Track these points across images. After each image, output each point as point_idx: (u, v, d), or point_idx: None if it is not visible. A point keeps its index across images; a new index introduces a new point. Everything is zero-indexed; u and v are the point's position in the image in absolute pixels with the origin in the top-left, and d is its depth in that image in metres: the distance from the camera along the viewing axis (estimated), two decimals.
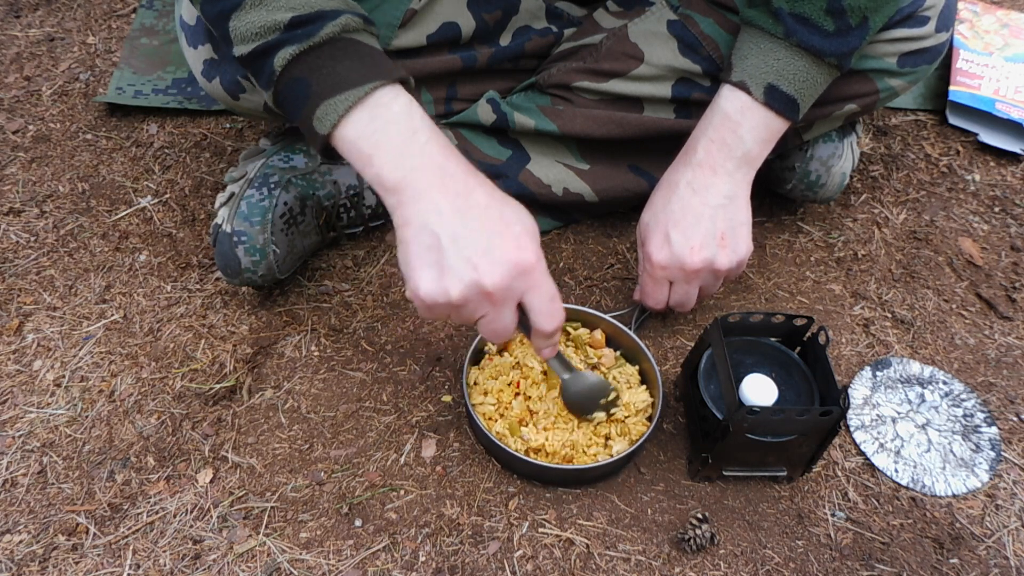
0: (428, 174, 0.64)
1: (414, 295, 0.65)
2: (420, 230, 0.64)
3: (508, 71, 0.97)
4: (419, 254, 0.64)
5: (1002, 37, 1.28)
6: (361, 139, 0.65)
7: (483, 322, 0.67)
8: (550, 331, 0.69)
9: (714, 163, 0.80)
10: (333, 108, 0.64)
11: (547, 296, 0.67)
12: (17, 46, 1.29)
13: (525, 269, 0.64)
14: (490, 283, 0.63)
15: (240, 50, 0.66)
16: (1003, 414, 0.89)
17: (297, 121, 0.68)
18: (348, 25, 0.66)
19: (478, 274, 0.63)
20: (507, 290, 0.64)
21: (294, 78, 0.65)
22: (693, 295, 0.86)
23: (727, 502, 0.81)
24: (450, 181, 0.65)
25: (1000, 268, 1.04)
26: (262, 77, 0.67)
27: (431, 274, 0.64)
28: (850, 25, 0.74)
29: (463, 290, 0.63)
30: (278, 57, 0.65)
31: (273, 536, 0.77)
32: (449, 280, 0.63)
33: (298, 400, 0.88)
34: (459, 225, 0.63)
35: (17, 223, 1.04)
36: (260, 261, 0.87)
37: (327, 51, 0.65)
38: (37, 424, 0.85)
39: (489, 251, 0.63)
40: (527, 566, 0.76)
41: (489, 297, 0.64)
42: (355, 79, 0.64)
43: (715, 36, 0.86)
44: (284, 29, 0.64)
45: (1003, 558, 0.78)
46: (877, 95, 0.88)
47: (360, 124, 0.65)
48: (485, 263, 0.63)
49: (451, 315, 0.66)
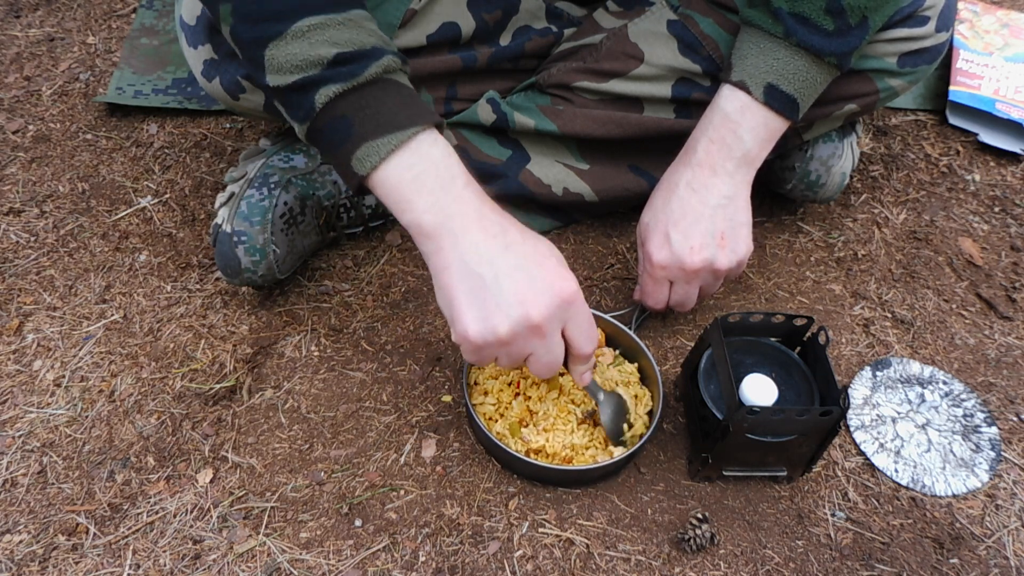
0: (466, 218, 0.65)
1: (463, 338, 0.65)
2: (463, 274, 0.64)
3: (508, 71, 0.97)
4: (463, 297, 0.64)
5: (1002, 37, 1.28)
6: (403, 183, 0.65)
7: (533, 359, 0.67)
8: (589, 353, 0.70)
9: (714, 163, 0.80)
10: (375, 150, 0.64)
11: (587, 322, 0.68)
12: (17, 46, 1.29)
13: (569, 298, 0.65)
14: (537, 315, 0.63)
15: (276, 80, 0.65)
16: (1003, 414, 0.89)
17: (331, 157, 0.67)
18: (391, 66, 0.65)
19: (525, 308, 0.63)
20: (553, 320, 0.65)
21: (336, 116, 0.65)
22: (693, 295, 0.86)
23: (727, 502, 0.81)
24: (488, 223, 0.65)
25: (1000, 268, 1.04)
26: (298, 110, 0.66)
27: (477, 315, 0.64)
28: (850, 24, 0.74)
29: (512, 326, 0.63)
30: (320, 94, 0.64)
31: (273, 536, 0.77)
32: (497, 318, 0.63)
33: (298, 400, 0.88)
34: (500, 263, 0.64)
35: (17, 223, 1.04)
36: (260, 261, 0.87)
37: (371, 91, 0.65)
38: (37, 424, 0.85)
39: (533, 285, 0.64)
40: (527, 566, 0.76)
41: (537, 330, 0.64)
42: (399, 122, 0.64)
43: (715, 36, 0.86)
44: (327, 66, 0.63)
45: (1003, 558, 0.78)
46: (877, 95, 0.88)
47: (402, 168, 0.64)
48: (531, 297, 0.63)
49: (500, 356, 0.67)
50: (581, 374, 0.73)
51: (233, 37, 0.67)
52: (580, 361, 0.71)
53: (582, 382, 0.74)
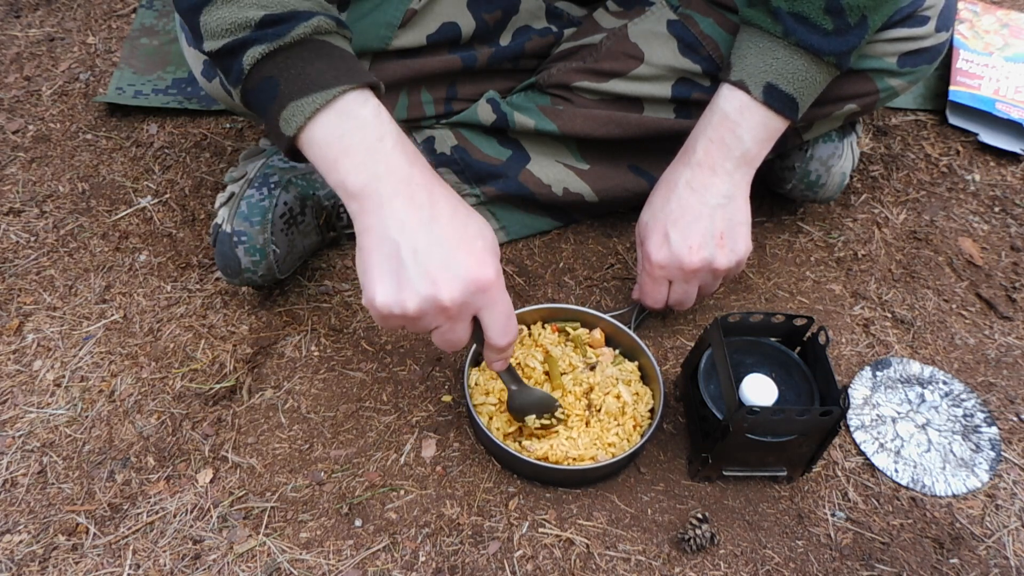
0: (393, 182, 0.63)
1: (370, 304, 0.64)
2: (381, 239, 0.63)
3: (508, 71, 0.97)
4: (378, 264, 0.63)
5: (1002, 37, 1.28)
6: (327, 143, 0.64)
7: (436, 333, 0.67)
8: (503, 346, 0.69)
9: (713, 163, 0.80)
10: (300, 109, 0.63)
11: (503, 314, 0.67)
12: (17, 46, 1.29)
13: (483, 286, 0.64)
14: (448, 298, 0.62)
15: (210, 46, 0.65)
16: (1003, 414, 0.89)
17: (264, 121, 0.67)
18: (320, 27, 0.65)
19: (436, 289, 0.62)
20: (464, 306, 0.64)
21: (263, 77, 0.65)
22: (692, 294, 0.86)
23: (727, 502, 0.81)
24: (416, 190, 0.64)
25: (1000, 268, 1.04)
26: (231, 74, 0.66)
27: (388, 285, 0.63)
28: (849, 24, 0.74)
29: (420, 303, 0.62)
30: (247, 56, 0.64)
31: (273, 536, 0.77)
32: (406, 293, 0.62)
33: (298, 400, 0.88)
34: (421, 237, 0.63)
35: (17, 223, 1.04)
36: (260, 261, 0.87)
37: (297, 52, 0.64)
38: (37, 424, 0.85)
39: (449, 266, 0.62)
40: (527, 566, 0.76)
41: (445, 312, 0.64)
42: (324, 81, 0.63)
43: (715, 36, 0.86)
44: (255, 27, 0.63)
45: (1003, 558, 0.78)
46: (877, 95, 0.88)
47: (327, 127, 0.64)
48: (444, 278, 0.62)
49: (406, 325, 0.66)
50: (492, 361, 0.72)
51: (178, 11, 0.68)
52: (492, 350, 0.70)
53: (492, 367, 0.74)
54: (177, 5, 0.67)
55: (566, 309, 0.89)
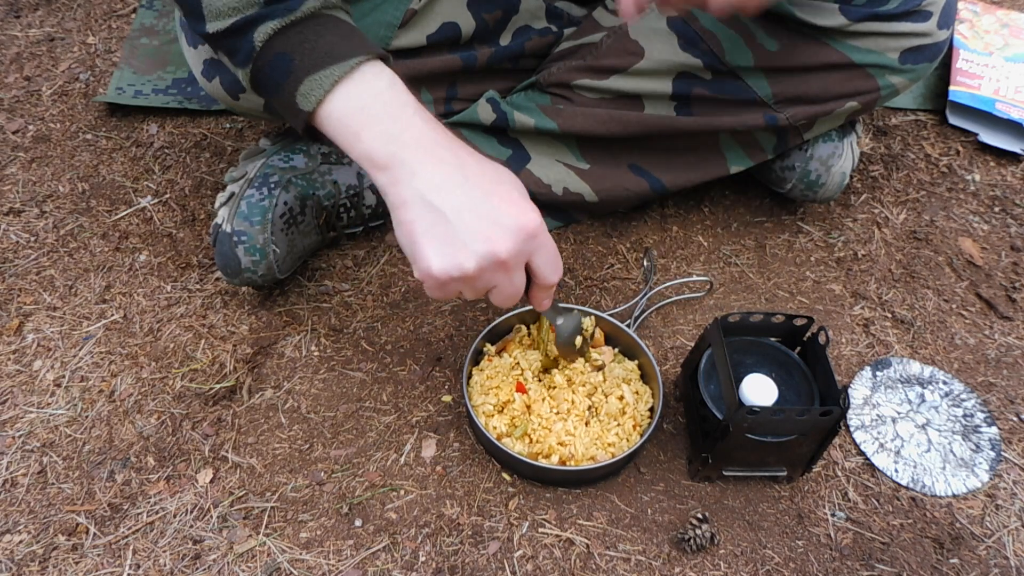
0: (420, 148, 0.63)
1: (426, 274, 0.64)
2: (422, 208, 0.62)
3: (508, 71, 0.97)
4: (425, 232, 0.62)
5: (1002, 37, 1.28)
6: (348, 114, 0.63)
7: (496, 292, 0.66)
8: (554, 282, 0.69)
9: None
10: (318, 83, 0.62)
11: (551, 253, 0.67)
12: (17, 46, 1.29)
13: (532, 231, 0.64)
14: (504, 251, 0.62)
15: (214, 26, 0.64)
16: (1003, 414, 0.89)
17: (276, 99, 0.66)
18: (328, 2, 0.65)
19: (491, 244, 0.62)
20: (519, 255, 0.64)
21: (276, 53, 0.64)
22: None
23: (727, 502, 0.81)
24: (443, 153, 0.63)
25: (1000, 268, 1.04)
26: (239, 54, 0.65)
27: (442, 251, 0.62)
28: None
29: (479, 262, 0.62)
30: (258, 32, 0.63)
31: (273, 536, 0.77)
32: (463, 255, 0.62)
33: (298, 400, 0.88)
34: (462, 198, 0.62)
35: (17, 223, 1.04)
36: (260, 261, 0.87)
37: (310, 26, 0.64)
38: (37, 424, 0.85)
39: (497, 220, 0.62)
40: (527, 566, 0.76)
41: (503, 265, 0.63)
42: (341, 53, 0.63)
43: (715, 30, 0.86)
44: (263, 3, 0.63)
45: (1003, 558, 0.78)
46: (878, 92, 0.88)
47: (348, 99, 0.63)
48: (496, 233, 0.62)
49: (464, 290, 0.66)
50: (541, 300, 0.73)
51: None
52: (543, 289, 0.70)
53: (542, 307, 0.74)
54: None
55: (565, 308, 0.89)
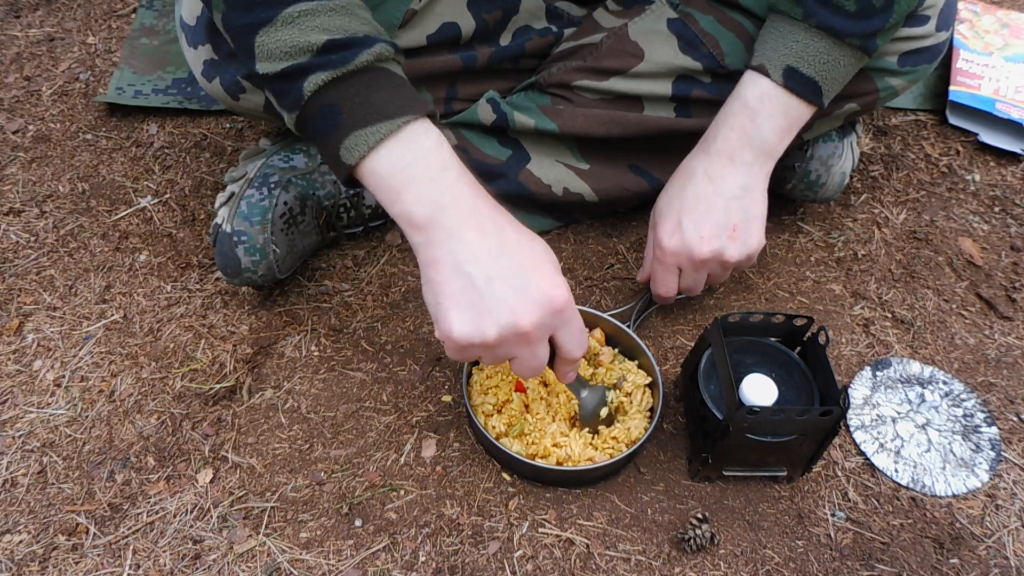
0: (459, 213, 0.63)
1: (447, 337, 0.64)
2: (453, 271, 0.62)
3: (508, 71, 0.97)
4: (452, 295, 0.63)
5: (1002, 37, 1.28)
6: (392, 174, 0.63)
7: (516, 362, 0.67)
8: (578, 358, 0.69)
9: (732, 152, 0.80)
10: (364, 139, 0.62)
11: (578, 330, 0.68)
12: (17, 46, 1.29)
13: (559, 308, 0.64)
14: (528, 324, 0.62)
15: (266, 68, 0.64)
16: (1003, 414, 0.89)
17: (320, 147, 0.66)
18: (383, 54, 0.64)
19: (515, 316, 0.62)
20: (542, 328, 0.64)
21: (324, 104, 0.63)
22: (701, 282, 0.86)
23: (727, 502, 0.81)
24: (483, 220, 0.64)
25: (1000, 268, 1.04)
26: (287, 98, 0.65)
27: (466, 316, 0.62)
28: (873, 6, 0.73)
29: (500, 331, 0.62)
30: (309, 81, 0.63)
31: (273, 536, 0.77)
32: (486, 322, 0.62)
33: (298, 400, 0.88)
34: (494, 266, 0.62)
35: (17, 223, 1.04)
36: (260, 261, 0.87)
37: (361, 80, 0.63)
38: (37, 424, 0.85)
39: (525, 292, 0.62)
40: (527, 566, 0.76)
41: (525, 337, 0.63)
42: (389, 111, 0.62)
43: (715, 33, 0.86)
44: (317, 52, 0.62)
45: (1003, 558, 0.78)
46: (877, 94, 0.88)
47: (391, 158, 0.63)
48: (522, 305, 0.62)
49: (483, 356, 0.66)
50: (565, 373, 0.73)
51: (224, 24, 0.66)
52: (567, 364, 0.71)
53: (566, 380, 0.74)
54: (229, 22, 0.65)
55: None
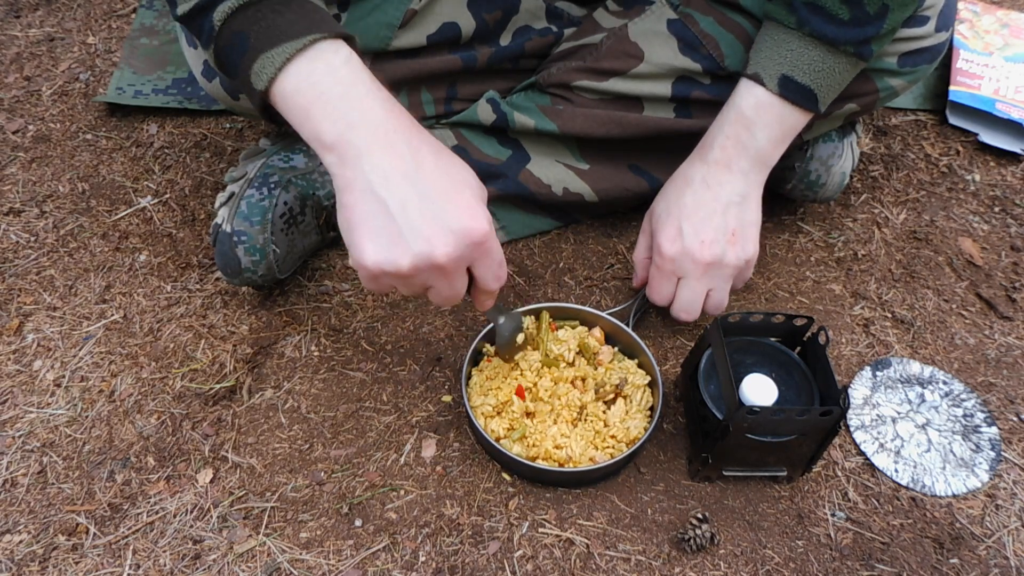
0: (371, 131, 0.61)
1: (359, 264, 0.62)
2: (364, 194, 0.60)
3: (508, 71, 0.97)
4: (364, 220, 0.60)
5: (1002, 37, 1.28)
6: (298, 92, 0.62)
7: (433, 291, 0.65)
8: (495, 289, 0.68)
9: (729, 161, 0.81)
10: (270, 60, 0.61)
11: (496, 262, 0.66)
12: (17, 46, 1.29)
13: (478, 239, 0.62)
14: (442, 256, 0.60)
15: (183, 8, 0.64)
16: (1003, 414, 0.89)
17: (237, 79, 0.66)
18: None
19: (430, 246, 0.60)
20: (459, 260, 0.62)
21: (233, 32, 0.63)
22: (698, 298, 0.85)
23: (727, 502, 0.81)
24: (395, 138, 0.61)
25: (1000, 268, 1.04)
26: (203, 35, 0.65)
27: (379, 243, 0.60)
28: (867, 13, 0.74)
29: (414, 261, 0.60)
30: (217, 12, 0.63)
31: (273, 536, 0.77)
32: (399, 251, 0.60)
33: (298, 400, 0.88)
34: (408, 190, 0.60)
35: (17, 223, 1.04)
36: (260, 261, 0.87)
37: (267, 5, 0.63)
38: (37, 424, 0.85)
39: (441, 220, 0.60)
40: (527, 566, 0.76)
41: (441, 269, 0.62)
42: (294, 31, 0.62)
43: (715, 34, 0.86)
44: None
45: (1003, 558, 0.78)
46: (877, 94, 0.88)
47: (298, 77, 0.61)
48: (438, 234, 0.60)
49: (398, 286, 0.64)
50: (483, 301, 0.71)
51: None
52: (484, 294, 0.69)
53: (483, 307, 0.72)
54: None
55: (565, 308, 0.89)
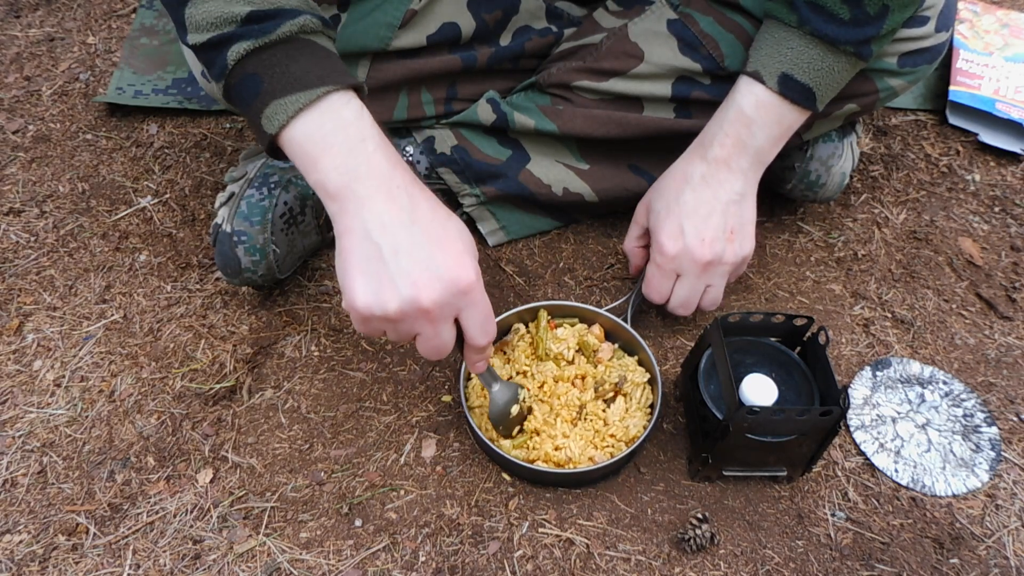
0: (373, 183, 0.63)
1: (350, 306, 0.64)
2: (361, 240, 0.63)
3: (508, 71, 0.97)
4: (358, 264, 0.63)
5: (1002, 37, 1.28)
6: (309, 142, 0.64)
7: (420, 340, 0.66)
8: (483, 346, 0.69)
9: (729, 159, 0.81)
10: (283, 108, 0.63)
11: (482, 314, 0.67)
12: (17, 46, 1.29)
13: (464, 287, 0.64)
14: (428, 300, 0.62)
15: (194, 39, 0.65)
16: (1003, 414, 0.89)
17: (245, 116, 0.67)
18: (306, 26, 0.65)
19: (416, 290, 0.62)
20: (445, 307, 0.64)
21: (246, 74, 0.64)
22: (696, 293, 0.86)
23: (727, 502, 0.81)
24: (396, 192, 0.64)
25: (1000, 268, 1.04)
26: (214, 68, 0.66)
27: (369, 286, 0.63)
28: (868, 13, 0.74)
29: (400, 305, 0.62)
30: (232, 51, 0.64)
31: (273, 536, 0.77)
32: (387, 294, 0.62)
33: (298, 400, 0.88)
34: (402, 237, 0.62)
35: (17, 223, 1.04)
36: (260, 261, 0.87)
37: (282, 50, 0.64)
38: (37, 424, 0.85)
39: (429, 267, 0.62)
40: (527, 566, 0.76)
41: (426, 314, 0.63)
42: (308, 81, 0.63)
43: (714, 34, 0.86)
44: (241, 23, 0.63)
45: (1003, 558, 0.78)
46: (877, 95, 0.88)
47: (309, 127, 0.63)
48: (425, 279, 0.62)
49: (387, 331, 0.66)
50: (474, 362, 0.73)
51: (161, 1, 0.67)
52: (473, 351, 0.70)
53: (475, 370, 0.74)
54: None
55: (563, 306, 0.89)
